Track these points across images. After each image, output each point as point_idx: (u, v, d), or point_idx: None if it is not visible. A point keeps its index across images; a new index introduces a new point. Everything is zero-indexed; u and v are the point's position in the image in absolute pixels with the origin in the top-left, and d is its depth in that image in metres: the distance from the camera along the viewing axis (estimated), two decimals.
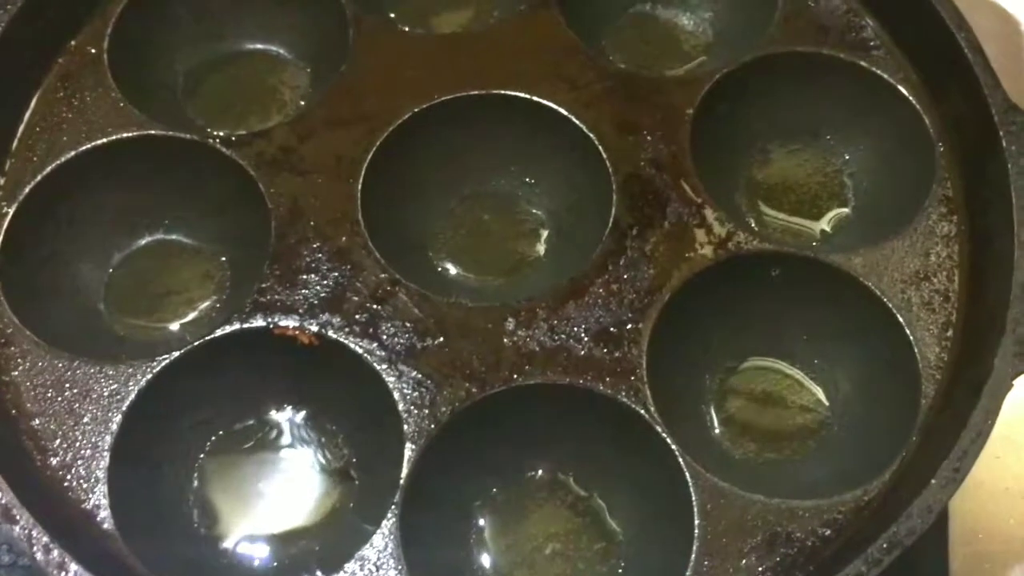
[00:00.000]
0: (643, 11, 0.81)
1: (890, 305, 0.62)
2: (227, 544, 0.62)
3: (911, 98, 0.69)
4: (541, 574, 0.61)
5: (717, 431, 0.65)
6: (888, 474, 0.58)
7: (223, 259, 0.71)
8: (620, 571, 0.61)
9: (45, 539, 0.52)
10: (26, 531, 0.53)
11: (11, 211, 0.66)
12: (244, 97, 0.77)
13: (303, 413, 0.65)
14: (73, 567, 0.52)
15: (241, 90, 0.77)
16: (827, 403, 0.65)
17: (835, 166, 0.73)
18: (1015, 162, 0.62)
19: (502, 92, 0.70)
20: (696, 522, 0.57)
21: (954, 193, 0.66)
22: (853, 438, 0.63)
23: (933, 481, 0.53)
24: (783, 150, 0.74)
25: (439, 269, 0.70)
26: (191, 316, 0.69)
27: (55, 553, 0.52)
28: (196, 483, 0.63)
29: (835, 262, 0.64)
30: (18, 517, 0.53)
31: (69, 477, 0.59)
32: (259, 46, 0.78)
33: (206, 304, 0.69)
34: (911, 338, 0.61)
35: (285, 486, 0.64)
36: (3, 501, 0.54)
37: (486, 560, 0.62)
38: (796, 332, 0.66)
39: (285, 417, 0.65)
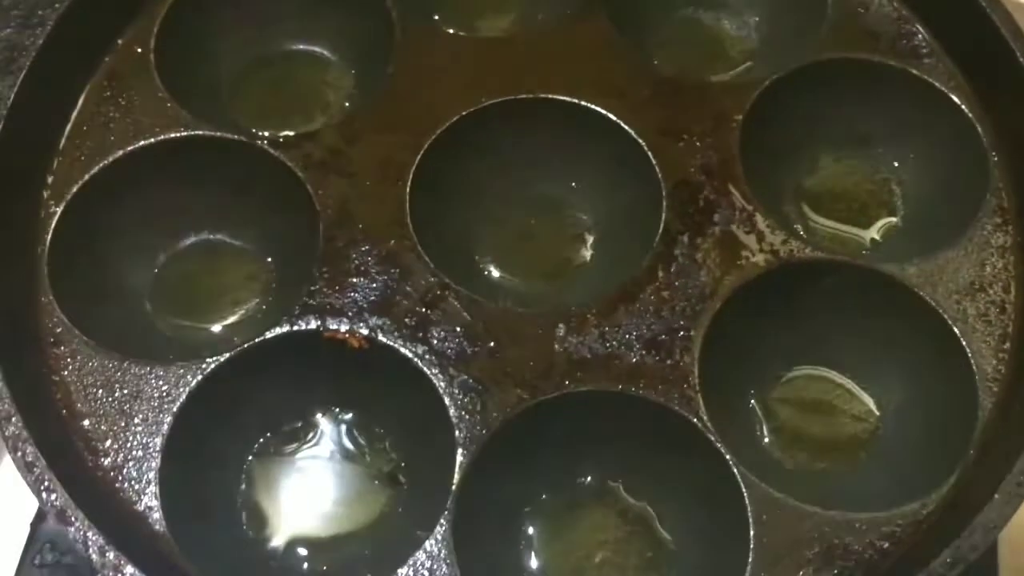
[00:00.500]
0: (688, 15, 0.81)
1: (945, 316, 0.62)
2: (275, 546, 0.62)
3: (963, 107, 0.69)
4: None
5: (767, 440, 0.64)
6: (946, 488, 0.57)
7: (268, 260, 0.70)
8: None
9: (101, 541, 0.52)
10: (81, 532, 0.53)
11: (59, 210, 0.66)
12: (288, 98, 0.76)
13: (350, 416, 0.65)
14: (129, 569, 0.52)
15: (285, 91, 0.77)
16: (878, 413, 0.65)
17: (884, 174, 0.73)
18: None
19: (550, 96, 0.70)
20: (751, 532, 0.56)
21: (1009, 204, 0.66)
22: (906, 450, 0.63)
23: (996, 496, 0.53)
24: (831, 158, 0.73)
25: (485, 273, 0.70)
26: (236, 317, 0.69)
27: (111, 555, 0.52)
28: (244, 485, 0.63)
29: (889, 271, 0.63)
30: (73, 519, 0.53)
31: (120, 478, 0.58)
32: (303, 47, 0.78)
33: (251, 305, 0.69)
34: (967, 350, 0.61)
35: (332, 489, 0.64)
36: (58, 502, 0.53)
37: (535, 566, 0.61)
38: (847, 341, 0.66)
39: (332, 420, 0.65)
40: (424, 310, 0.63)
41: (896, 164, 0.72)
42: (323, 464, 0.64)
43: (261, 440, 0.64)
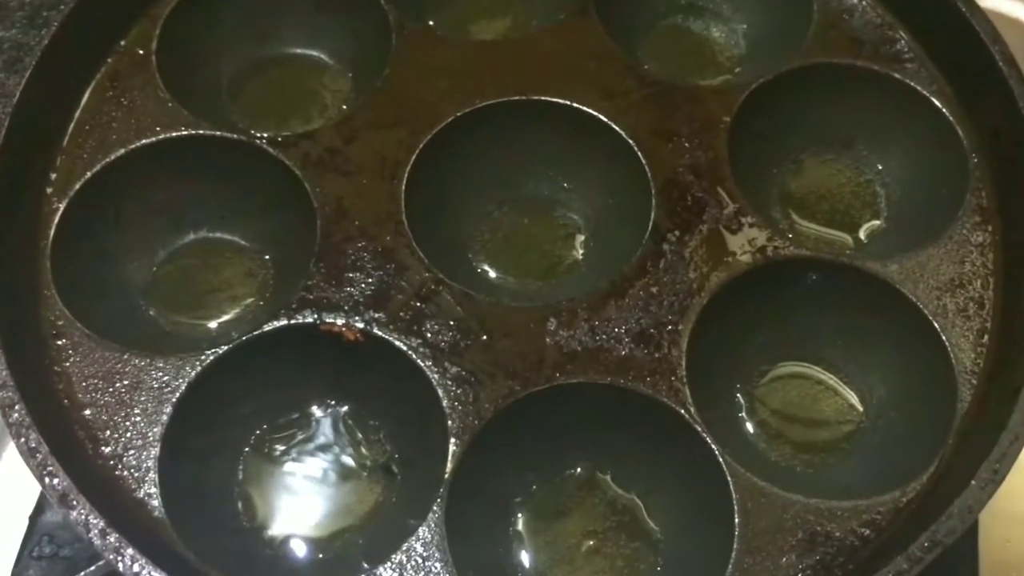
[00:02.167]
0: (676, 23, 0.83)
1: (926, 311, 0.63)
2: (271, 535, 0.63)
3: (944, 110, 0.71)
4: (579, 571, 0.62)
5: (753, 433, 0.66)
6: (926, 477, 0.59)
7: (266, 257, 0.72)
8: (658, 569, 0.62)
9: (101, 524, 0.53)
10: (83, 516, 0.54)
11: (62, 207, 0.67)
12: (286, 99, 0.78)
13: (346, 408, 0.66)
14: (129, 551, 0.53)
15: (284, 93, 0.78)
16: (861, 408, 0.66)
17: (868, 176, 0.74)
18: None
19: (543, 98, 0.71)
20: (736, 520, 0.58)
21: (988, 203, 0.67)
22: (888, 442, 0.64)
23: (973, 482, 0.54)
24: (816, 160, 0.75)
25: (478, 270, 0.72)
26: (234, 313, 0.70)
27: (112, 538, 0.53)
28: (241, 475, 0.64)
29: (871, 268, 0.65)
30: (75, 503, 0.54)
31: (120, 466, 0.60)
32: (302, 51, 0.80)
33: (249, 301, 0.70)
34: (947, 344, 0.62)
35: (327, 480, 0.65)
36: (60, 487, 0.55)
37: (525, 556, 0.63)
38: (831, 337, 0.67)
39: (328, 412, 0.66)
40: (418, 304, 0.65)
41: (880, 167, 0.74)
42: (318, 455, 0.65)
43: (258, 431, 0.65)
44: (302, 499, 0.64)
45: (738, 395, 0.67)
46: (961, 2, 0.70)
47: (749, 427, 0.66)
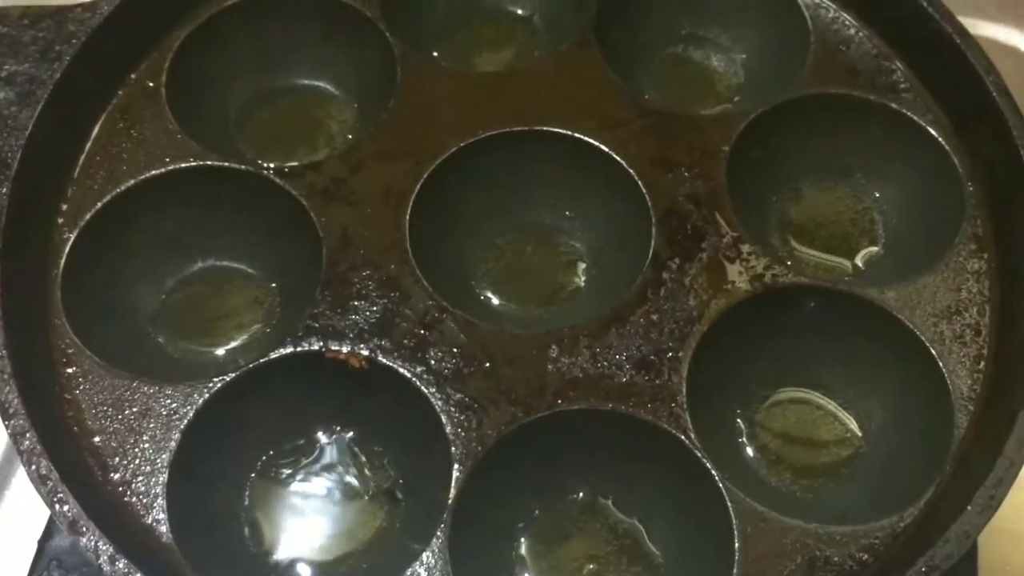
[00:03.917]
0: (676, 53, 0.84)
1: (923, 338, 0.64)
2: (277, 560, 0.64)
3: (940, 139, 0.72)
4: None
5: (753, 458, 0.67)
6: (923, 502, 0.60)
7: (273, 285, 0.73)
8: None
9: (111, 550, 0.54)
10: (92, 542, 0.55)
11: (72, 236, 0.68)
12: (293, 130, 0.79)
13: (350, 435, 0.67)
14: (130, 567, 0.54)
15: (290, 123, 0.80)
16: (860, 433, 0.67)
17: (866, 204, 0.75)
18: None
19: (545, 128, 0.73)
20: (736, 545, 0.58)
21: (984, 231, 0.68)
22: (886, 467, 0.65)
23: (969, 507, 0.55)
24: (815, 188, 0.76)
25: (481, 298, 0.73)
26: (241, 340, 0.71)
27: (121, 564, 0.54)
28: (247, 501, 0.65)
29: (869, 296, 0.66)
30: (85, 529, 0.55)
31: (129, 493, 0.61)
32: (308, 82, 0.81)
33: (256, 328, 0.71)
34: (944, 370, 0.63)
35: (332, 506, 0.66)
36: (70, 514, 0.56)
37: None
38: (830, 363, 0.68)
39: (333, 438, 0.67)
40: (422, 332, 0.66)
41: (877, 194, 0.75)
42: (323, 481, 0.66)
43: (264, 457, 0.66)
44: (308, 524, 0.65)
45: (738, 420, 0.68)
46: (956, 33, 0.71)
47: (749, 452, 0.67)
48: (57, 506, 0.56)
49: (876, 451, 0.66)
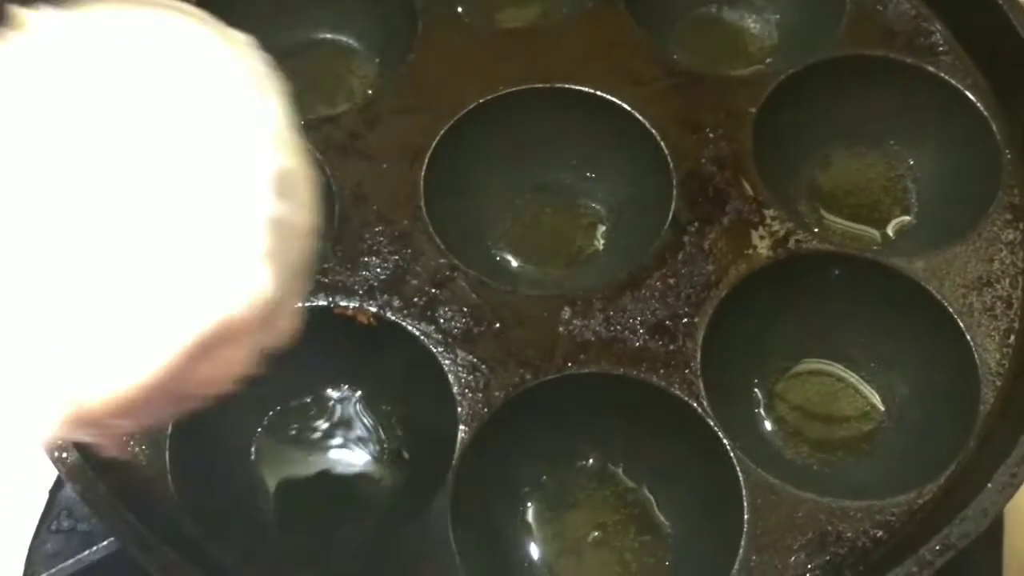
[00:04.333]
0: (708, 13, 0.82)
1: (951, 310, 0.62)
2: (280, 516, 0.63)
3: (979, 104, 0.69)
4: (587, 563, 0.62)
5: (769, 430, 0.65)
6: (943, 478, 0.57)
7: None
8: (667, 564, 0.61)
9: (110, 498, 0.54)
10: (91, 491, 0.54)
11: None
12: (313, 85, 0.78)
13: (359, 393, 0.66)
14: (130, 518, 0.53)
15: (311, 78, 0.78)
16: (883, 407, 0.65)
17: (899, 171, 0.73)
18: None
19: (566, 86, 0.71)
20: (745, 517, 0.57)
21: (1021, 200, 0.66)
22: (908, 442, 0.63)
23: (989, 485, 0.53)
24: (846, 153, 0.73)
25: (497, 259, 0.71)
26: None
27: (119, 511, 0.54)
28: (253, 456, 0.64)
29: (896, 265, 0.63)
30: (83, 477, 0.55)
31: (132, 443, 0.60)
32: (329, 36, 0.80)
33: None
34: (971, 344, 0.61)
35: (338, 464, 0.65)
36: (69, 461, 0.55)
37: (533, 547, 0.62)
38: (853, 335, 0.66)
39: (341, 396, 0.66)
40: (433, 290, 0.64)
41: (911, 161, 0.72)
42: (329, 438, 0.65)
43: (271, 413, 0.66)
44: (313, 482, 0.64)
45: (756, 391, 0.66)
46: None
47: (767, 424, 0.65)
48: (56, 452, 0.55)
49: (899, 426, 0.64)
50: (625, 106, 0.70)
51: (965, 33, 0.71)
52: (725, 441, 0.58)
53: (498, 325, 0.63)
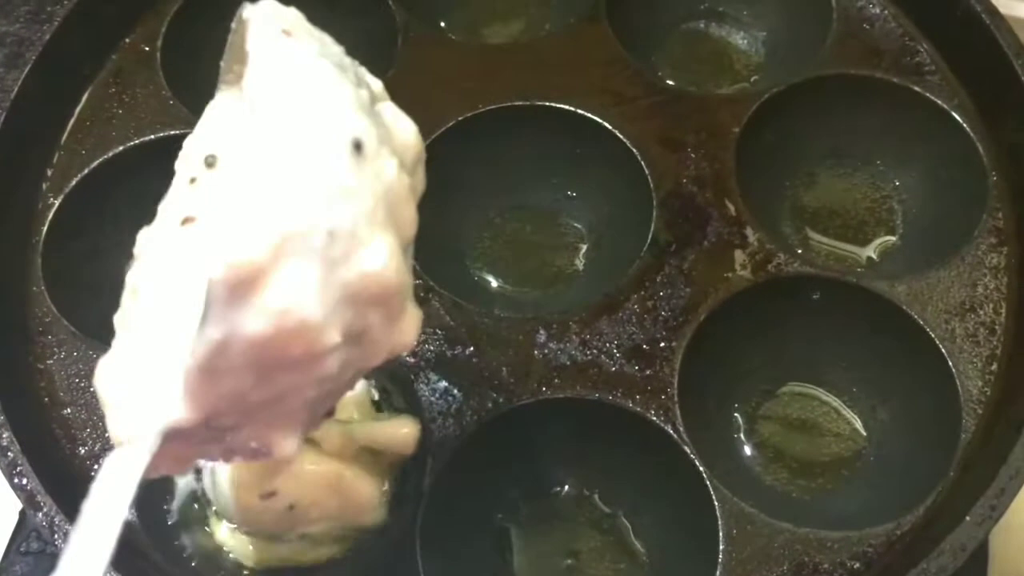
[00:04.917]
0: (695, 28, 0.81)
1: (933, 335, 0.61)
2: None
3: (965, 125, 0.68)
4: None
5: (749, 455, 0.64)
6: (922, 508, 0.56)
7: None
8: None
9: (67, 527, 0.53)
10: (49, 518, 0.53)
11: (57, 202, 0.67)
12: None
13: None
14: None
15: None
16: (864, 433, 0.64)
17: (884, 191, 0.71)
18: None
19: (547, 104, 0.70)
20: (720, 547, 0.56)
21: (1005, 224, 0.64)
22: (889, 470, 0.61)
23: (968, 518, 0.51)
24: (831, 173, 0.72)
25: (475, 278, 0.70)
26: None
27: None
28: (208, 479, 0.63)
29: (878, 289, 0.62)
30: (42, 504, 0.54)
31: (96, 467, 0.59)
32: None
33: None
34: (953, 370, 0.60)
35: None
36: (28, 487, 0.54)
37: (507, 574, 0.61)
38: (835, 359, 0.65)
39: None
40: None
41: (897, 182, 0.71)
42: None
43: None
44: None
45: (736, 415, 0.65)
46: (986, 14, 0.67)
47: (746, 449, 0.64)
48: (16, 479, 0.54)
49: (879, 453, 0.62)
50: (606, 124, 0.69)
51: (952, 53, 0.70)
52: (701, 468, 0.57)
53: (472, 348, 0.62)
